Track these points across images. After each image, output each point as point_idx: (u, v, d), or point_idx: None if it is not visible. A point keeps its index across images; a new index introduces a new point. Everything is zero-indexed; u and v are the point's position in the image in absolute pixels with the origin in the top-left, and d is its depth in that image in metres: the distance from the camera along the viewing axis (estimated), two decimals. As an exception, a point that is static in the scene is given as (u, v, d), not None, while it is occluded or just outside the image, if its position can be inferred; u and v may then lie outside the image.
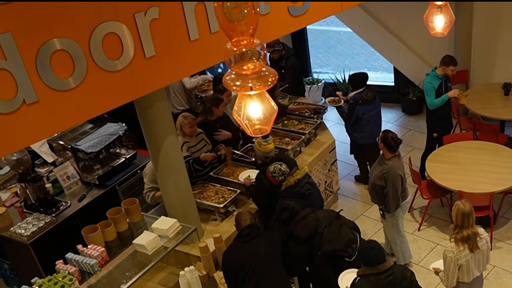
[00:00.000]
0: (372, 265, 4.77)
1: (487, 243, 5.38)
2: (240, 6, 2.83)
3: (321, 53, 14.63)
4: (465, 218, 5.15)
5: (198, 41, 4.58)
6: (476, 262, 5.33)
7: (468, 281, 5.39)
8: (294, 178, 5.97)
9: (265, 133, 3.38)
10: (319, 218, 5.49)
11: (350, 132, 8.24)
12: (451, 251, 5.24)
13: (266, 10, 4.98)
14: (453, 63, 7.83)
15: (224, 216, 6.52)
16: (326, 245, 5.38)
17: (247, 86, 3.04)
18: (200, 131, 7.04)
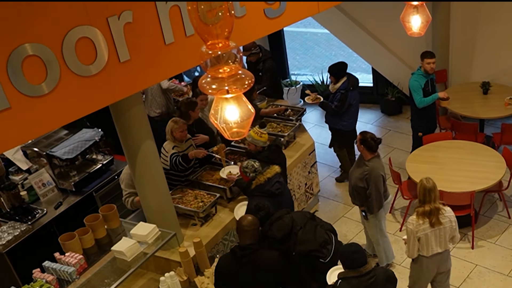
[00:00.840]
0: (354, 268, 4.79)
1: (451, 222, 5.61)
2: (215, 9, 2.83)
3: (299, 55, 14.68)
4: (426, 193, 5.47)
5: (174, 44, 4.57)
6: (437, 238, 5.60)
7: (427, 255, 5.68)
8: (264, 177, 5.99)
9: (243, 136, 3.39)
10: (295, 220, 5.52)
11: (337, 122, 8.37)
12: (411, 223, 5.56)
13: (242, 13, 4.98)
14: (427, 56, 7.90)
15: (204, 220, 6.51)
16: (300, 246, 5.40)
17: (224, 89, 3.04)
18: (189, 137, 7.04)
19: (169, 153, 6.76)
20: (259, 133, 6.59)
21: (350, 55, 13.30)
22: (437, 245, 5.66)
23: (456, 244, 5.78)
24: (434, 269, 5.86)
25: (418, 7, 5.43)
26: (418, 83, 7.94)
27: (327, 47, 14.84)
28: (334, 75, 8.19)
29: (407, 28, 5.61)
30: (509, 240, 7.46)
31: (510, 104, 8.58)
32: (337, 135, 8.62)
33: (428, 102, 7.99)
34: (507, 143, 8.46)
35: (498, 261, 7.17)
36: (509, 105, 8.58)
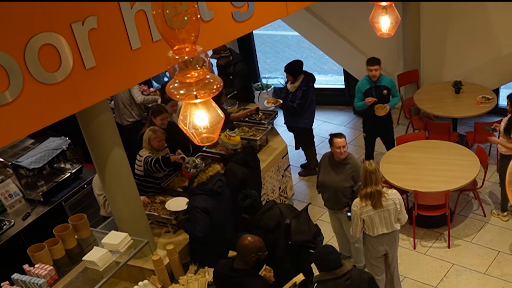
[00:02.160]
0: (330, 270, 4.83)
1: (395, 204, 5.94)
2: (181, 14, 2.84)
3: (269, 58, 14.74)
4: (367, 175, 5.80)
5: (140, 50, 4.56)
6: (381, 219, 5.95)
7: (373, 235, 6.04)
8: (206, 175, 6.01)
9: (213, 141, 3.40)
10: (282, 211, 5.74)
11: (298, 121, 8.53)
12: (355, 205, 5.95)
13: (209, 16, 4.99)
14: (369, 62, 7.94)
15: (177, 227, 6.49)
16: (297, 236, 5.60)
17: (192, 95, 3.05)
18: (166, 145, 7.04)
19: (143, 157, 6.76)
20: (228, 136, 6.64)
21: (321, 57, 13.40)
22: (383, 226, 5.99)
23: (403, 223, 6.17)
24: (382, 249, 6.15)
25: (387, 7, 5.50)
26: (359, 88, 8.13)
27: (298, 49, 14.93)
28: (292, 74, 8.37)
29: (377, 29, 5.67)
30: (485, 238, 7.59)
31: (482, 103, 8.72)
32: (301, 134, 8.80)
33: (358, 107, 8.28)
34: (480, 142, 8.60)
35: (474, 259, 7.28)
36: (481, 103, 8.73)
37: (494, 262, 7.20)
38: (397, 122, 10.37)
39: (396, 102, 8.28)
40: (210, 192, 5.97)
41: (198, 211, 5.86)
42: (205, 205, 5.88)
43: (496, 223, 7.81)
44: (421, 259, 7.41)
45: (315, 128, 9.13)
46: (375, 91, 8.03)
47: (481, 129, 8.36)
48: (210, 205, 5.91)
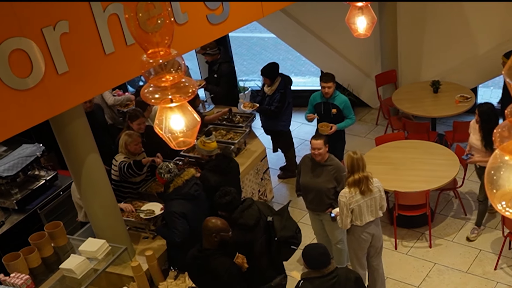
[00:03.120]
0: (318, 269, 4.90)
1: (380, 191, 6.14)
2: (154, 17, 2.85)
3: (246, 60, 14.79)
4: (354, 162, 5.94)
5: (114, 54, 4.55)
6: (368, 207, 6.11)
7: (361, 225, 6.15)
8: (182, 179, 6.03)
9: (190, 145, 3.41)
10: (260, 208, 5.81)
11: (276, 124, 8.58)
12: (344, 196, 6.02)
13: (184, 19, 5.00)
14: (322, 79, 7.80)
15: (156, 233, 6.48)
16: (283, 232, 5.66)
17: (167, 99, 3.05)
18: (143, 150, 7.02)
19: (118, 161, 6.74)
20: (203, 142, 6.65)
21: (298, 58, 13.46)
22: (369, 214, 6.14)
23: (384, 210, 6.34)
24: (369, 237, 6.27)
25: (363, 8, 5.54)
26: (311, 100, 8.06)
27: (275, 51, 14.99)
28: (268, 77, 8.40)
29: (353, 29, 5.72)
30: (466, 237, 7.68)
31: (461, 102, 8.83)
32: (279, 137, 8.84)
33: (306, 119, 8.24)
34: (459, 141, 8.70)
35: (456, 258, 7.37)
36: (460, 102, 8.84)
37: (476, 261, 7.29)
38: (376, 123, 10.47)
39: (347, 125, 7.99)
40: (186, 196, 5.98)
41: (176, 216, 5.86)
42: (182, 210, 5.89)
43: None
44: (402, 259, 7.48)
45: (294, 130, 9.20)
46: (324, 108, 7.90)
47: (460, 128, 8.46)
48: (188, 209, 5.91)
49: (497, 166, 2.53)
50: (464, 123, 8.37)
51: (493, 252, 7.37)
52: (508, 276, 7.00)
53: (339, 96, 7.90)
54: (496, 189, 2.55)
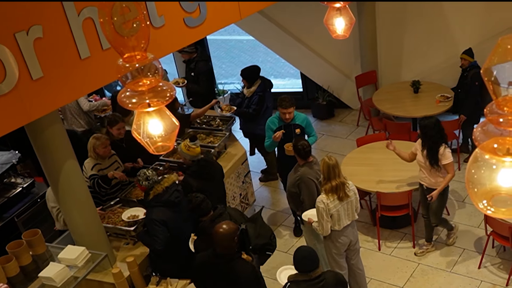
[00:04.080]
0: (305, 272, 4.94)
1: (355, 194, 6.19)
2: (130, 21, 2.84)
3: (225, 63, 14.80)
4: (330, 169, 5.95)
5: (90, 59, 4.53)
6: (345, 211, 6.13)
7: (339, 229, 6.18)
8: (162, 186, 6.02)
9: (168, 150, 3.40)
10: (232, 216, 5.83)
11: (255, 127, 8.55)
12: (322, 202, 6.01)
13: (160, 23, 4.99)
14: (281, 105, 7.28)
15: (137, 239, 6.46)
16: (257, 239, 5.67)
17: (145, 103, 3.04)
18: (113, 153, 6.99)
19: (88, 174, 6.73)
20: (187, 147, 6.63)
21: (277, 60, 13.50)
22: (346, 218, 6.18)
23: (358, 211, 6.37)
24: (347, 240, 6.31)
25: (341, 9, 5.56)
26: (269, 126, 7.54)
27: (253, 53, 15.02)
28: (248, 79, 8.42)
29: (331, 31, 5.75)
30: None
31: (441, 102, 8.91)
32: (258, 140, 8.76)
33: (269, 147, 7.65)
34: None
35: (439, 258, 7.44)
36: (440, 102, 8.92)
37: (460, 260, 7.36)
38: (356, 124, 10.53)
39: (312, 143, 7.36)
40: (167, 204, 5.96)
41: (156, 224, 5.84)
42: (163, 217, 5.87)
43: (461, 221, 7.98)
44: (386, 260, 7.53)
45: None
46: (285, 130, 7.45)
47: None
48: (168, 217, 5.90)
49: (478, 165, 2.55)
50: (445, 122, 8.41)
51: (476, 251, 7.44)
52: (492, 274, 7.07)
53: (299, 115, 7.52)
54: (477, 188, 2.57)
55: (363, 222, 8.06)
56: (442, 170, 6.78)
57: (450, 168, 6.78)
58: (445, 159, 6.70)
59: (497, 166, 2.49)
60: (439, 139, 6.71)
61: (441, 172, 6.80)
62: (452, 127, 8.67)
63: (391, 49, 10.07)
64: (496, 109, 2.40)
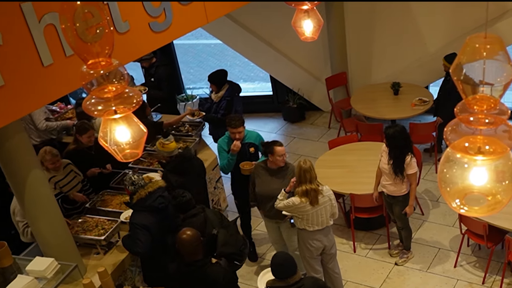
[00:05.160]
0: (282, 278, 4.97)
1: (330, 200, 6.18)
2: (93, 26, 2.82)
3: (193, 68, 14.76)
4: (301, 173, 5.99)
5: (53, 66, 4.48)
6: (318, 216, 6.15)
7: (310, 230, 6.24)
8: (145, 191, 5.99)
9: (137, 157, 3.38)
10: (209, 219, 5.81)
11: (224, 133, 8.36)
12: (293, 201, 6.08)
13: (125, 28, 4.97)
14: (231, 125, 7.02)
15: (107, 248, 6.42)
16: (223, 248, 5.67)
17: (111, 110, 3.02)
18: (68, 162, 6.90)
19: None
20: (162, 144, 6.71)
21: (246, 64, 13.50)
22: (319, 223, 6.19)
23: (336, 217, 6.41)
24: (320, 245, 6.34)
25: (309, 11, 5.60)
26: (221, 147, 7.25)
27: (222, 57, 15.01)
28: (215, 83, 8.40)
29: (300, 33, 5.77)
30: (424, 236, 7.83)
31: (416, 105, 8.99)
32: None
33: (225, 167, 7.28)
34: (417, 143, 8.86)
35: (415, 258, 7.50)
36: (415, 106, 8.99)
37: (435, 259, 7.44)
38: (328, 126, 10.58)
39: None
40: (149, 209, 5.95)
41: (138, 227, 5.84)
42: (145, 222, 5.84)
43: (435, 220, 8.07)
44: (362, 262, 7.57)
45: (246, 137, 9.16)
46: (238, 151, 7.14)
47: (416, 130, 8.63)
48: (151, 222, 5.86)
49: (450, 165, 2.58)
50: (421, 124, 8.52)
51: (452, 250, 7.52)
52: (468, 273, 7.16)
53: (250, 133, 7.29)
54: (449, 187, 2.60)
55: (337, 224, 8.08)
56: (405, 179, 6.82)
57: (413, 178, 6.82)
58: (410, 169, 6.72)
59: (469, 165, 2.53)
60: (405, 148, 6.70)
61: (405, 180, 6.83)
62: (429, 129, 8.76)
63: (361, 50, 10.14)
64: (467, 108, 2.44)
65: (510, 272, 7.01)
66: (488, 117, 2.39)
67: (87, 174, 7.13)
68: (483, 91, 2.36)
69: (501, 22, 8.65)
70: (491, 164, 2.50)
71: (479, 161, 2.48)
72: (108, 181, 7.24)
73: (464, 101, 2.44)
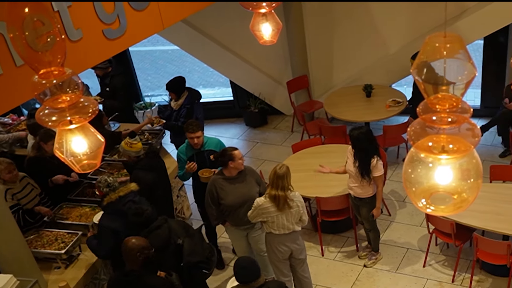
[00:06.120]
0: (245, 283, 4.99)
1: (298, 206, 6.16)
2: (44, 35, 2.78)
3: (150, 75, 14.67)
4: (275, 178, 6.00)
5: (2, 76, 4.41)
6: (284, 221, 6.16)
7: (276, 233, 6.26)
8: (116, 195, 6.01)
9: (95, 167, 3.36)
10: (173, 229, 5.80)
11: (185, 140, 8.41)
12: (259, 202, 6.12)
13: (78, 36, 4.90)
14: (188, 130, 6.90)
15: (68, 262, 6.35)
16: (190, 257, 5.67)
17: (66, 120, 2.98)
18: (24, 175, 6.78)
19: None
20: (129, 144, 6.68)
21: (205, 70, 13.47)
22: (285, 227, 6.20)
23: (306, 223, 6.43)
24: (288, 250, 6.36)
25: (267, 14, 5.58)
26: (180, 156, 7.13)
27: (180, 64, 14.95)
28: (174, 91, 8.36)
29: (258, 37, 5.77)
30: (392, 237, 7.91)
31: (391, 106, 9.08)
32: None
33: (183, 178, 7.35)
34: (390, 145, 8.97)
35: (384, 259, 7.56)
36: (390, 107, 9.08)
37: (404, 260, 7.51)
38: (291, 130, 10.61)
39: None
40: (119, 213, 5.94)
41: (105, 231, 5.86)
42: (113, 226, 5.84)
43: (403, 221, 8.16)
44: (331, 265, 7.60)
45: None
46: (198, 159, 7.05)
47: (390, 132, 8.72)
48: (120, 226, 5.85)
49: (414, 164, 2.60)
50: (394, 126, 8.58)
51: (420, 250, 7.61)
52: (437, 272, 7.26)
53: (210, 139, 7.20)
54: (415, 187, 2.62)
55: (304, 228, 8.05)
56: (372, 181, 6.87)
57: (379, 180, 6.87)
58: (377, 171, 6.77)
59: (433, 164, 2.55)
60: (371, 150, 6.75)
61: (371, 183, 6.88)
62: (401, 130, 8.84)
63: (321, 52, 10.19)
64: (429, 107, 2.46)
65: (479, 269, 7.13)
66: (450, 116, 2.42)
67: (52, 180, 6.98)
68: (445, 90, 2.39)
69: (461, 21, 8.79)
70: (456, 162, 2.53)
71: (443, 160, 2.51)
72: (66, 194, 7.13)
73: (426, 100, 2.46)
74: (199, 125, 6.98)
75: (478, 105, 10.14)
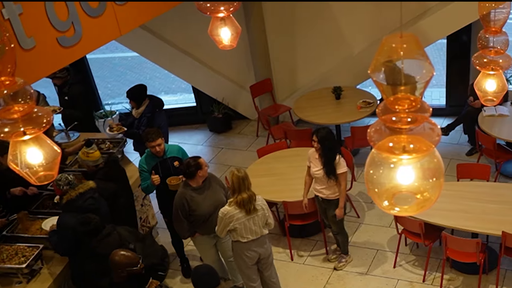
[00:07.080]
0: None
1: (263, 210, 6.22)
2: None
3: (110, 82, 14.54)
4: (241, 181, 6.02)
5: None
6: (251, 226, 6.19)
7: (243, 241, 6.27)
8: (76, 192, 6.05)
9: (52, 179, 3.35)
10: (123, 235, 5.88)
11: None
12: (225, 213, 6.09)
13: (31, 44, 4.84)
14: (148, 139, 6.88)
15: (30, 276, 6.24)
16: (146, 260, 5.63)
17: (19, 131, 2.96)
18: None
19: None
20: (86, 153, 6.64)
21: (166, 76, 13.41)
22: (253, 233, 6.23)
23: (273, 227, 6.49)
24: (255, 255, 6.37)
25: (225, 18, 5.57)
26: (142, 167, 7.05)
27: (140, 70, 14.86)
28: (134, 99, 8.32)
29: (217, 41, 5.76)
30: (362, 238, 7.97)
31: (362, 107, 9.15)
32: None
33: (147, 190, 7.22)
34: (359, 146, 9.04)
35: (354, 261, 7.62)
36: (361, 108, 9.15)
37: (374, 261, 7.58)
38: (256, 135, 10.63)
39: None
40: (79, 210, 5.95)
41: (63, 229, 5.88)
42: (71, 223, 5.85)
43: (371, 222, 8.23)
44: (300, 270, 7.63)
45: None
46: (162, 167, 7.02)
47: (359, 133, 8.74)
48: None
49: (376, 166, 2.62)
50: (361, 128, 8.63)
51: (390, 251, 7.69)
52: (407, 272, 7.34)
53: (172, 146, 7.22)
54: (377, 188, 2.65)
55: (272, 233, 8.09)
56: (338, 181, 6.93)
57: (343, 178, 6.93)
58: (340, 168, 6.84)
59: (395, 164, 2.58)
60: (336, 148, 6.91)
61: (337, 182, 6.95)
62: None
63: (284, 55, 10.22)
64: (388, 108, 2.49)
65: (450, 268, 7.23)
66: (410, 116, 2.45)
67: (11, 191, 6.88)
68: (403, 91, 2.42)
69: (423, 21, 8.92)
70: (417, 162, 2.56)
71: (404, 160, 2.54)
72: (24, 206, 6.99)
73: (385, 101, 2.49)
74: (158, 132, 6.93)
75: (444, 104, 10.26)
